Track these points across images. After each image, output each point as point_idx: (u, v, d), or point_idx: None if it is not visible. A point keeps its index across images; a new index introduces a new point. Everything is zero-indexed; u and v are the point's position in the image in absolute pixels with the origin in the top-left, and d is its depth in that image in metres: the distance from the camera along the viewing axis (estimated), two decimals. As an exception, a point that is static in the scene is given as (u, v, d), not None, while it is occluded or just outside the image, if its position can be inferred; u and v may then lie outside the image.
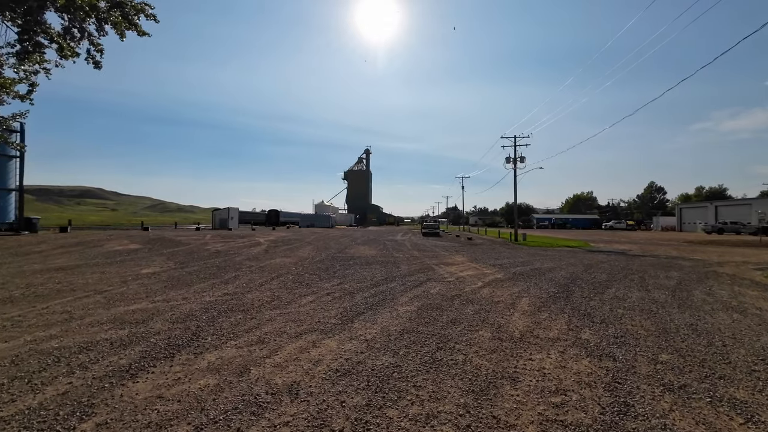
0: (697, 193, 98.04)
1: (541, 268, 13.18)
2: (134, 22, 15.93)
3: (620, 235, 48.72)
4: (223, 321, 5.76)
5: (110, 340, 4.74)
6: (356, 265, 13.30)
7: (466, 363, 4.23)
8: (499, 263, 14.66)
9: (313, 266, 12.88)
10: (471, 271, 12.21)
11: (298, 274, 11.04)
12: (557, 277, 11.08)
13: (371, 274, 11.29)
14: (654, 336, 5.45)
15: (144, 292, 7.97)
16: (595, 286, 9.76)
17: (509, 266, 13.72)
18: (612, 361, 4.38)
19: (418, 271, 11.98)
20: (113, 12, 15.59)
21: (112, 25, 16.15)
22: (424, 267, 13.16)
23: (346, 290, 8.59)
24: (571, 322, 6.11)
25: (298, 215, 77.75)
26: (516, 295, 8.31)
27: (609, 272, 12.41)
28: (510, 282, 10.17)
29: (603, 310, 7.02)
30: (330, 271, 11.63)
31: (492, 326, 5.78)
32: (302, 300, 7.44)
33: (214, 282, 9.35)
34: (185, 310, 6.38)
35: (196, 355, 4.26)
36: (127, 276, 10.02)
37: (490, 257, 17.09)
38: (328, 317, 6.13)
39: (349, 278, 10.35)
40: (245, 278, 10.05)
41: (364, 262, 14.56)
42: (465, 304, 7.31)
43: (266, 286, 8.98)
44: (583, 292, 8.89)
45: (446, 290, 8.82)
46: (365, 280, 10.01)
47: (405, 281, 10.00)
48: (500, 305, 7.29)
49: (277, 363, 4.09)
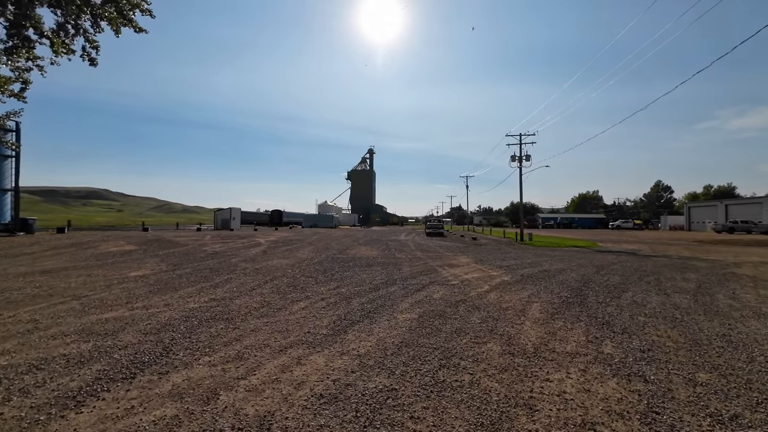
0: (705, 191, 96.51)
1: (550, 270, 12.53)
2: (129, 17, 15.49)
3: (628, 234, 47.77)
4: (201, 332, 5.19)
5: (68, 356, 4.18)
6: (356, 267, 12.72)
7: (473, 385, 3.63)
8: (505, 265, 14.02)
9: (310, 268, 12.31)
10: (476, 273, 11.59)
11: (294, 276, 10.48)
12: (568, 280, 10.43)
13: (371, 276, 10.70)
14: (685, 349, 4.81)
15: (126, 297, 7.43)
16: (610, 289, 9.11)
17: (516, 268, 13.07)
18: (643, 383, 3.76)
19: (421, 274, 11.38)
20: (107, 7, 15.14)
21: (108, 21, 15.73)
22: (426, 269, 12.55)
23: (342, 295, 8.01)
24: (589, 333, 5.48)
25: (301, 215, 77.28)
26: (526, 301, 7.68)
27: (622, 274, 11.74)
28: (518, 285, 9.54)
29: (623, 318, 6.38)
30: (328, 274, 11.06)
31: (501, 338, 5.17)
32: (293, 306, 6.87)
33: (203, 286, 8.80)
34: (163, 319, 5.82)
35: (160, 376, 3.70)
36: (113, 279, 9.50)
37: (495, 258, 16.45)
38: (319, 327, 5.55)
39: (347, 281, 9.77)
40: (237, 281, 9.49)
41: (364, 263, 13.98)
42: (471, 311, 6.70)
43: (258, 290, 8.41)
44: (598, 296, 8.25)
45: (450, 295, 8.21)
46: (364, 284, 9.42)
47: (406, 285, 9.40)
48: (509, 312, 6.68)
49: (253, 386, 3.51)
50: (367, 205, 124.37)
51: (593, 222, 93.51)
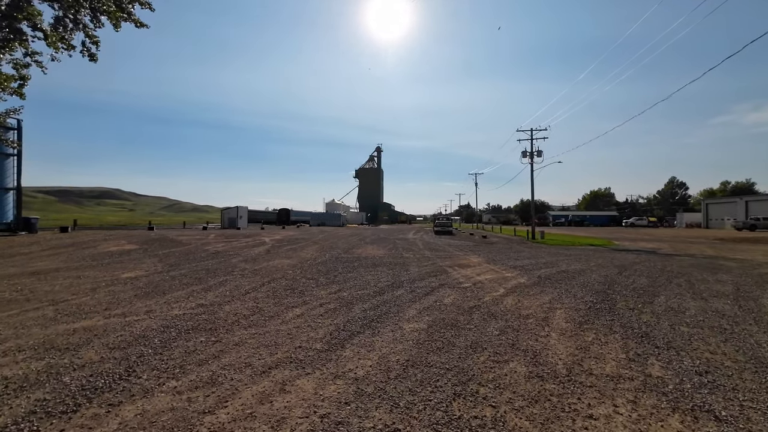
0: (722, 188, 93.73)
1: (569, 271, 11.66)
2: (128, 11, 14.89)
3: (643, 232, 46.30)
4: (177, 346, 4.51)
5: (9, 379, 3.52)
6: (361, 268, 12.00)
7: (497, 424, 2.87)
8: (519, 264, 13.17)
9: (312, 269, 11.63)
10: (489, 275, 10.78)
11: (294, 278, 9.79)
12: (590, 282, 9.57)
13: (376, 278, 9.97)
14: (750, 371, 3.99)
15: (107, 302, 6.81)
16: (639, 293, 8.25)
17: (532, 268, 12.23)
18: (715, 422, 2.96)
19: (430, 275, 10.61)
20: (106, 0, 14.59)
21: (107, 15, 15.18)
22: (436, 269, 11.78)
23: (343, 300, 7.29)
24: (628, 348, 4.68)
25: (309, 214, 76.88)
26: (548, 306, 6.87)
27: (648, 275, 10.83)
28: (537, 288, 8.72)
29: (662, 328, 5.55)
30: (330, 275, 10.36)
31: (526, 354, 4.40)
32: (288, 314, 6.16)
33: (195, 289, 8.16)
34: (139, 329, 5.16)
35: (109, 409, 3.01)
36: (101, 282, 8.91)
37: (508, 258, 15.59)
38: (313, 340, 4.84)
39: (350, 284, 9.05)
40: (232, 284, 8.84)
41: (370, 263, 13.25)
42: (487, 320, 5.93)
43: (252, 294, 7.73)
44: (628, 301, 7.41)
45: (462, 299, 7.44)
46: (368, 287, 8.69)
47: (414, 288, 8.65)
48: (531, 321, 5.89)
49: (219, 426, 2.80)
50: (375, 203, 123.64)
51: (605, 219, 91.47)
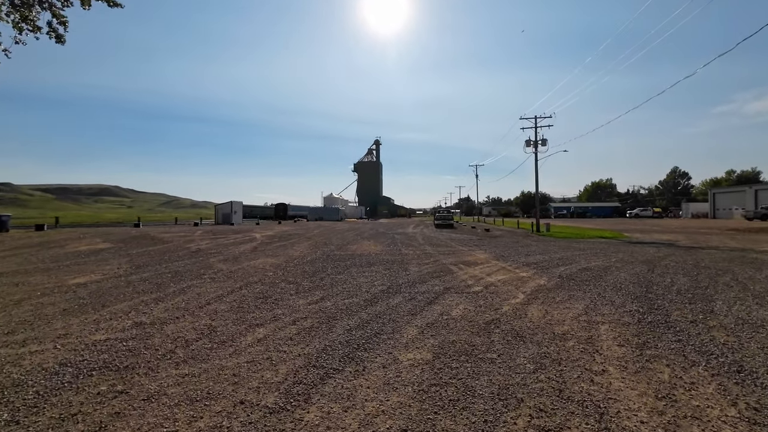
0: (728, 177, 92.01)
1: (591, 268, 10.18)
2: (97, -15, 13.34)
3: (650, 223, 44.74)
4: (54, 404, 3.02)
5: None
6: (354, 267, 10.52)
7: None
8: (533, 261, 11.69)
9: (298, 270, 10.14)
10: (501, 274, 9.30)
11: (272, 282, 8.30)
12: (622, 283, 8.09)
13: (369, 281, 8.48)
14: None
15: (20, 320, 5.32)
16: (688, 297, 6.76)
17: (548, 265, 10.74)
18: None
19: (432, 276, 9.13)
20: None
21: (73, -9, 13.69)
22: (439, 269, 10.29)
23: (325, 313, 5.80)
24: (730, 393, 3.19)
25: (307, 209, 75.30)
26: (585, 320, 5.38)
27: (685, 273, 9.35)
28: (562, 292, 7.23)
29: (753, 353, 4.07)
30: (316, 278, 8.87)
31: (585, 412, 2.91)
32: (247, 337, 4.66)
33: (145, 300, 6.66)
34: (23, 369, 3.67)
35: None
36: (39, 290, 7.42)
37: (518, 253, 14.11)
38: (267, 387, 3.34)
39: (337, 289, 7.56)
40: (196, 291, 7.34)
41: (365, 262, 11.77)
42: (512, 343, 4.44)
43: (213, 306, 6.24)
44: (682, 310, 5.92)
45: (475, 310, 5.95)
46: (359, 293, 7.20)
47: (414, 294, 7.16)
48: (571, 343, 4.40)
49: None
50: (374, 197, 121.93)
51: (608, 211, 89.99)
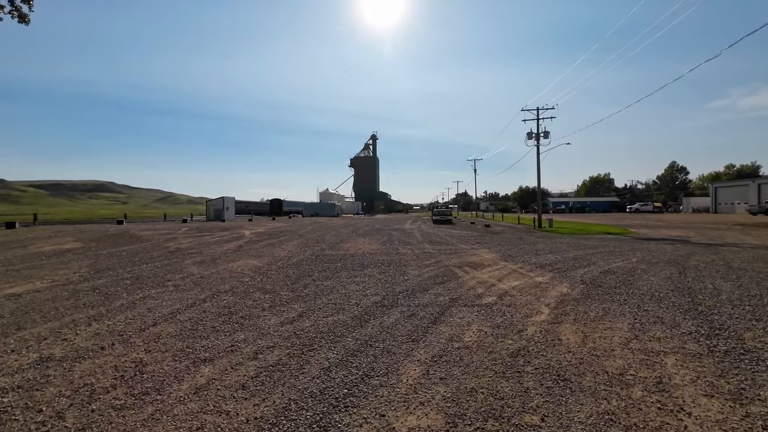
0: (727, 171, 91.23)
1: (614, 271, 8.96)
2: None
3: (652, 218, 43.70)
4: None
5: None
6: (344, 271, 9.25)
7: None
8: (545, 262, 10.46)
9: (280, 274, 8.86)
10: (514, 279, 8.05)
11: (245, 292, 7.02)
12: (658, 290, 6.86)
13: (361, 288, 7.21)
14: None
15: None
16: (748, 310, 5.53)
17: (563, 267, 9.52)
18: None
19: (435, 282, 7.87)
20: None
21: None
22: (441, 272, 9.04)
23: (299, 338, 4.53)
24: None
25: (302, 204, 73.80)
26: (638, 347, 4.13)
27: (723, 277, 8.14)
28: (593, 304, 5.99)
29: None
30: (299, 285, 7.59)
31: None
32: (182, 384, 3.36)
33: (80, 318, 5.36)
34: None
35: None
36: (-43, 304, 6.10)
37: (525, 252, 12.88)
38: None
39: (321, 301, 6.29)
40: (146, 306, 6.04)
41: (357, 263, 10.51)
42: (554, 392, 3.17)
43: (159, 327, 4.94)
44: (754, 330, 4.68)
45: (492, 333, 4.69)
46: (346, 307, 5.93)
47: (414, 308, 5.89)
48: (636, 391, 3.14)
49: None
50: (371, 192, 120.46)
51: (607, 206, 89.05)
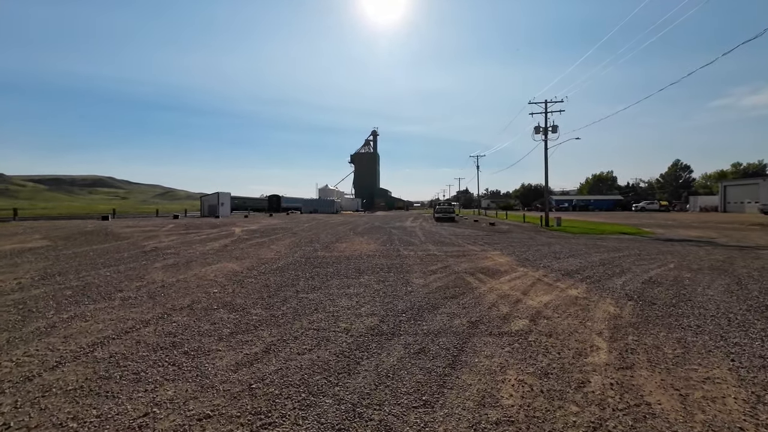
0: (734, 169, 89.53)
1: (657, 281, 7.50)
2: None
3: (660, 217, 42.12)
4: None
5: None
6: (336, 278, 7.80)
7: None
8: (570, 268, 8.99)
9: (259, 282, 7.41)
10: (543, 293, 6.58)
11: (207, 309, 5.55)
12: (731, 309, 5.39)
13: (354, 305, 5.76)
14: None
15: None
16: None
17: (595, 275, 8.05)
18: None
19: (445, 295, 6.41)
20: None
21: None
22: (452, 282, 7.57)
23: (255, 399, 3.06)
24: None
25: (301, 201, 72.25)
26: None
27: (796, 290, 6.68)
28: (660, 333, 4.50)
29: None
30: (277, 298, 6.13)
31: None
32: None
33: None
34: None
35: None
36: None
37: (543, 255, 11.41)
38: None
39: (299, 325, 4.83)
40: (67, 331, 4.57)
41: (353, 269, 9.06)
42: None
43: (57, 372, 3.49)
44: None
45: (540, 388, 3.20)
46: (331, 336, 4.46)
47: (421, 337, 4.41)
48: None
49: None
50: (371, 189, 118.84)
51: (610, 204, 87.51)
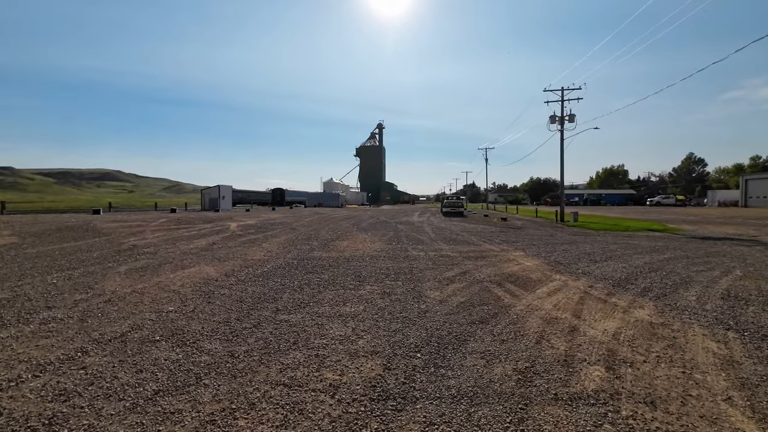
0: (753, 163, 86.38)
1: (739, 295, 5.85)
2: None
3: (680, 212, 39.94)
4: None
5: None
6: (330, 289, 6.27)
7: None
8: (617, 276, 7.37)
9: (232, 295, 5.91)
10: (600, 315, 4.98)
11: (142, 342, 4.04)
12: None
13: (348, 335, 4.21)
14: None
15: None
16: None
17: (653, 286, 6.43)
18: None
19: (471, 318, 4.82)
20: None
21: None
22: (476, 295, 5.99)
23: None
24: None
25: (305, 194, 70.86)
26: None
27: None
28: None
29: None
30: (247, 323, 4.61)
31: None
32: None
33: None
34: None
35: None
36: None
37: (574, 256, 9.77)
38: None
39: (266, 373, 3.28)
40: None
41: (352, 275, 7.53)
42: None
43: None
44: None
45: None
46: (308, 403, 2.89)
47: (448, 403, 2.84)
48: None
49: None
50: (377, 182, 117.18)
51: (622, 198, 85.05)
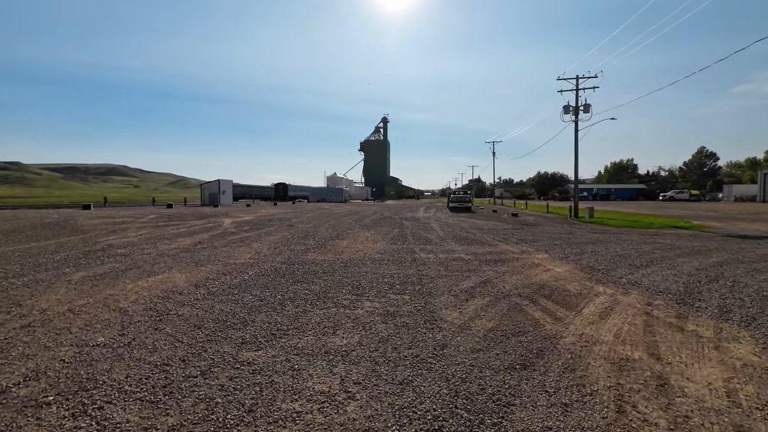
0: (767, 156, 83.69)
1: None
2: None
3: (698, 207, 38.14)
4: None
5: None
6: (318, 306, 4.97)
7: None
8: (677, 289, 5.99)
9: (194, 315, 4.62)
10: (692, 356, 3.59)
11: (29, 401, 2.76)
12: None
13: (335, 392, 2.85)
14: None
15: None
16: None
17: (730, 304, 5.03)
18: None
19: (505, 362, 3.45)
20: None
21: None
22: (506, 319, 4.63)
23: None
24: None
25: (309, 189, 69.66)
26: None
27: None
28: None
29: None
30: (195, 366, 3.29)
31: None
32: None
33: None
34: None
35: None
36: None
37: (608, 260, 8.38)
38: None
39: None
40: None
41: (349, 285, 6.22)
42: None
43: None
44: None
45: None
46: None
47: None
48: None
49: None
50: (381, 177, 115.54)
51: (632, 193, 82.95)
